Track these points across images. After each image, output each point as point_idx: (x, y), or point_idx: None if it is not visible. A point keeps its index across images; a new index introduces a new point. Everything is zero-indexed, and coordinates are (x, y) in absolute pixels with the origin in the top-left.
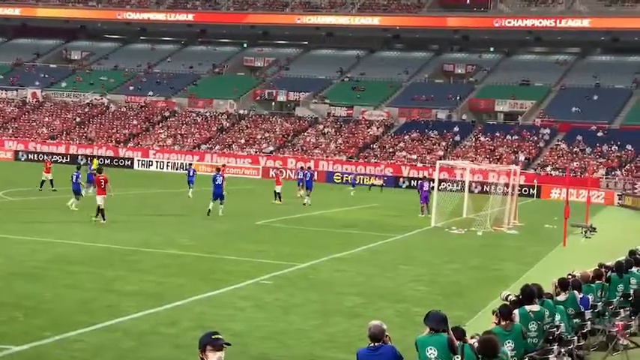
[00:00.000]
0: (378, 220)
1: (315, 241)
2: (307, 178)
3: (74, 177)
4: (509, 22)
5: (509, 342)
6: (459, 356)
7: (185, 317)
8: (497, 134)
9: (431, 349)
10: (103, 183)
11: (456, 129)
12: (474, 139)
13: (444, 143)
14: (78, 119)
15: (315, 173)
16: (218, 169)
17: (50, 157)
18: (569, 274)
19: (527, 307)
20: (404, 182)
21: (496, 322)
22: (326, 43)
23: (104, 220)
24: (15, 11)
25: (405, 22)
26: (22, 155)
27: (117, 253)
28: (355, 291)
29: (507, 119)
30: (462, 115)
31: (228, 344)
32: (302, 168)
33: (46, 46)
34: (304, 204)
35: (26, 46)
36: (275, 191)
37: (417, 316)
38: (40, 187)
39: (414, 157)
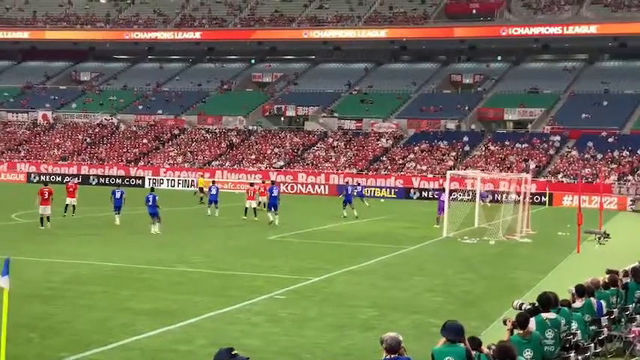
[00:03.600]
0: (389, 232)
1: (327, 254)
2: (348, 193)
3: (150, 199)
4: (515, 31)
5: (527, 351)
6: None
7: (200, 334)
8: (507, 143)
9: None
10: (47, 194)
11: (466, 139)
12: (483, 148)
13: (453, 153)
14: (88, 140)
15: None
16: (273, 182)
17: (73, 179)
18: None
19: (544, 315)
20: (414, 193)
21: (510, 328)
22: (333, 57)
23: (43, 226)
24: (24, 34)
25: (412, 34)
26: (34, 177)
27: (130, 271)
28: (369, 303)
29: (517, 128)
30: (471, 124)
31: (247, 359)
32: (356, 183)
33: (55, 68)
34: (357, 217)
35: (36, 68)
36: (246, 207)
37: (432, 327)
38: (65, 211)
39: (424, 168)
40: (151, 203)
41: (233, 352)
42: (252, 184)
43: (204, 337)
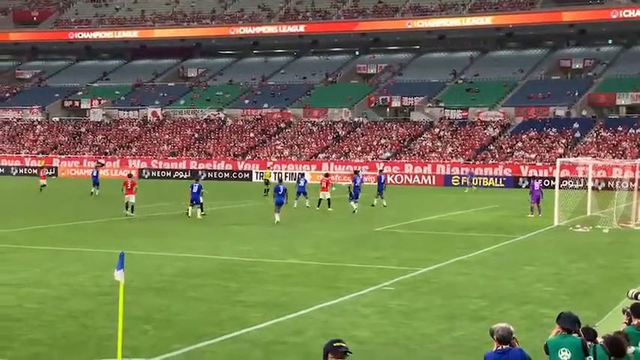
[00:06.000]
0: (497, 221)
1: (435, 245)
2: (380, 182)
3: (282, 189)
4: (627, 13)
5: None
6: (592, 357)
7: (310, 326)
8: (620, 128)
9: (564, 350)
10: (129, 185)
11: (576, 125)
12: (595, 134)
13: (563, 140)
14: (196, 135)
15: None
16: (356, 172)
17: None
18: None
19: None
20: (523, 182)
21: (627, 321)
22: (438, 46)
23: (132, 213)
24: (133, 33)
25: (519, 20)
26: (146, 173)
27: (239, 264)
28: (479, 294)
29: (630, 112)
30: (581, 110)
31: (350, 352)
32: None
33: (163, 65)
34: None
35: (145, 66)
36: (320, 198)
37: (544, 318)
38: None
39: (533, 156)
40: (281, 193)
41: (335, 344)
42: (326, 175)
43: (315, 329)
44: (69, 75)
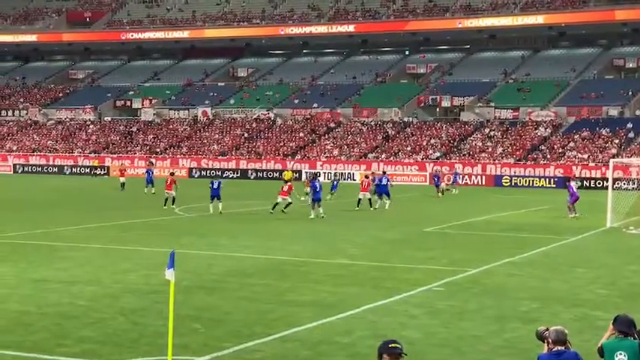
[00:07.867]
0: (548, 222)
1: (485, 245)
2: (383, 183)
3: (317, 186)
4: None
5: None
6: None
7: (359, 326)
8: None
9: (620, 353)
10: (169, 181)
11: (630, 125)
12: None
13: (616, 141)
14: (246, 135)
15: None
16: (384, 172)
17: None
18: None
19: None
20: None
21: None
22: (489, 46)
23: (173, 205)
24: (184, 34)
25: (571, 19)
26: (195, 172)
27: (289, 264)
28: (530, 295)
29: None
30: (635, 110)
31: (405, 354)
32: (373, 173)
33: (213, 65)
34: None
35: (195, 66)
36: (359, 198)
37: (597, 321)
38: (285, 207)
39: (585, 156)
40: (318, 190)
41: (390, 345)
42: (367, 177)
43: (364, 329)
44: (121, 75)
